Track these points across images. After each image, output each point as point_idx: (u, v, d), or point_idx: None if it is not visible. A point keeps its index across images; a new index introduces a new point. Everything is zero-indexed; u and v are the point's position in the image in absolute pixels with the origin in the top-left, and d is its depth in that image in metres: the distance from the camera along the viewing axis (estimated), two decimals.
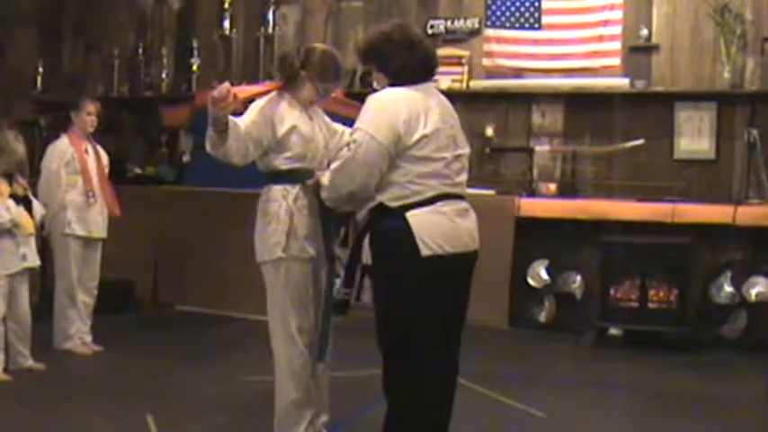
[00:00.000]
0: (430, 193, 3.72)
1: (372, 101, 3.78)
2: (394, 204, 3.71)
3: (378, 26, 4.07)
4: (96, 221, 6.80)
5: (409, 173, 3.70)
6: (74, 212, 6.70)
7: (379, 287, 3.80)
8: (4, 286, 5.95)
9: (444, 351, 3.87)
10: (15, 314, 6.04)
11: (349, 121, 4.74)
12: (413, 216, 3.67)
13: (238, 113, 4.42)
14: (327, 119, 4.69)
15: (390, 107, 3.71)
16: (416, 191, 3.70)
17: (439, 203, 3.73)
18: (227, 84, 4.11)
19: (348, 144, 3.73)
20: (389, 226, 3.71)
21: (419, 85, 3.83)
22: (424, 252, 3.65)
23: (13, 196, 5.98)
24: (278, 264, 4.37)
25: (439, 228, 3.71)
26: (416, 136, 3.69)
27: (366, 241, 3.80)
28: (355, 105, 4.81)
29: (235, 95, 4.09)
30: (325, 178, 3.94)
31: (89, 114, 6.83)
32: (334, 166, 3.81)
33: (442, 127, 3.78)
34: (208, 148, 4.30)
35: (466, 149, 3.93)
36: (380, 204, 3.74)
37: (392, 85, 3.84)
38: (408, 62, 3.83)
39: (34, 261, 6.13)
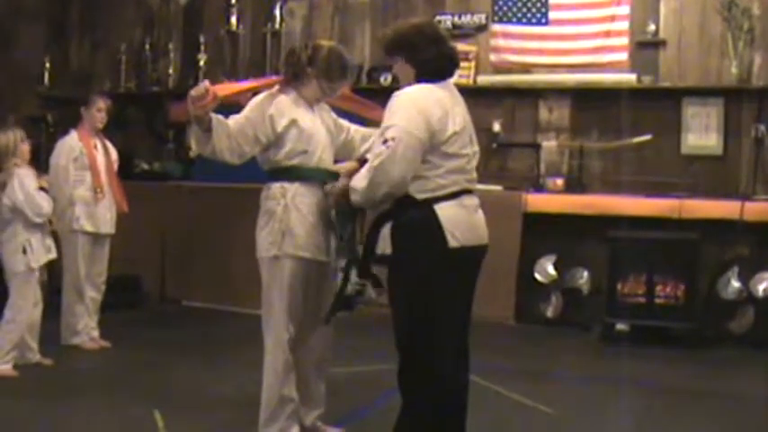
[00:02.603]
0: (454, 188, 3.77)
1: (403, 97, 3.77)
2: (421, 197, 3.72)
3: (406, 19, 4.09)
4: (104, 217, 6.81)
5: (439, 168, 3.72)
6: (82, 208, 6.71)
7: (401, 277, 3.79)
8: (36, 279, 6.04)
9: (460, 342, 3.89)
10: None
11: (356, 118, 4.75)
12: (440, 208, 3.72)
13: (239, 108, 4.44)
14: (334, 115, 4.68)
15: (424, 103, 3.72)
16: (443, 185, 3.74)
17: (461, 198, 3.79)
18: (205, 82, 4.13)
19: (386, 141, 3.66)
20: (416, 217, 3.72)
21: (442, 82, 3.86)
22: (452, 243, 3.70)
23: (41, 189, 6.04)
24: (273, 261, 4.39)
25: (463, 220, 3.77)
26: (449, 133, 3.73)
27: (386, 232, 3.80)
28: (362, 102, 4.81)
29: (214, 94, 4.10)
30: (356, 181, 3.84)
31: (99, 111, 6.84)
32: (371, 164, 3.72)
33: (464, 125, 3.83)
34: (193, 147, 4.33)
35: (478, 148, 3.96)
36: (406, 196, 3.75)
37: (418, 80, 3.85)
38: (436, 56, 3.86)
39: (55, 254, 6.23)
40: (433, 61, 3.86)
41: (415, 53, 3.87)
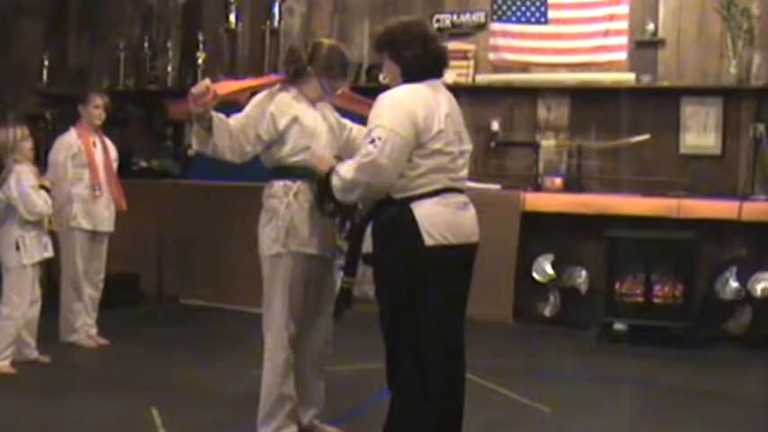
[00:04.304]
0: (435, 186, 3.78)
1: (389, 97, 3.79)
2: (399, 196, 3.74)
3: (397, 17, 4.10)
4: (102, 215, 6.80)
5: (419, 167, 3.74)
6: (80, 206, 6.71)
7: (382, 276, 3.82)
8: (30, 276, 6.00)
9: (448, 342, 3.89)
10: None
11: (356, 117, 4.75)
12: (417, 207, 3.73)
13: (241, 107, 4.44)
14: (337, 114, 4.69)
15: (409, 103, 3.74)
16: (422, 183, 3.75)
17: (442, 196, 3.79)
18: (206, 80, 4.13)
19: (372, 141, 3.69)
20: (394, 216, 3.75)
21: (428, 81, 3.85)
22: (428, 242, 3.71)
23: (41, 188, 6.04)
24: (275, 259, 4.39)
25: (442, 218, 3.77)
26: (434, 131, 3.75)
27: (368, 230, 3.83)
28: (362, 101, 4.82)
29: (215, 92, 4.10)
30: (343, 168, 3.87)
31: (96, 108, 6.84)
32: (358, 160, 3.75)
33: (450, 123, 3.83)
34: (194, 145, 4.34)
35: (469, 146, 3.98)
36: (385, 195, 3.76)
37: (404, 78, 3.86)
38: (422, 55, 3.86)
39: (51, 252, 6.22)
40: (417, 60, 3.87)
41: (399, 51, 3.89)
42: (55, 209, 6.40)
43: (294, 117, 4.38)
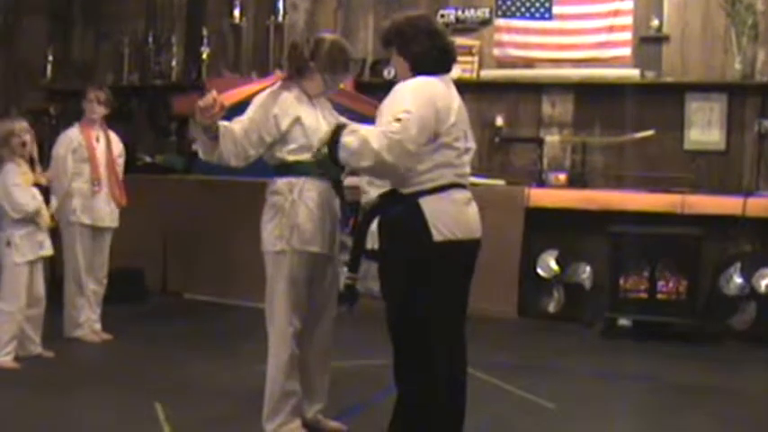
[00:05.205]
0: (442, 182, 3.77)
1: (409, 86, 3.77)
2: (406, 190, 3.73)
3: (403, 12, 4.11)
4: (103, 211, 6.78)
5: (426, 161, 3.73)
6: (79, 200, 6.70)
7: (389, 272, 3.81)
8: (25, 274, 5.98)
9: (453, 338, 3.89)
10: (30, 300, 6.05)
11: (359, 117, 4.75)
12: (426, 202, 3.72)
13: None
14: (336, 113, 4.68)
15: (429, 92, 3.73)
16: (430, 178, 3.75)
17: (449, 191, 3.79)
18: (213, 92, 4.13)
19: (399, 120, 3.61)
20: (402, 211, 3.74)
21: (439, 76, 3.85)
22: (437, 237, 3.71)
23: (36, 185, 6.01)
24: (279, 256, 4.39)
25: (450, 214, 3.77)
26: (448, 123, 3.75)
27: (373, 226, 3.82)
28: (366, 100, 4.82)
29: (222, 104, 4.10)
30: (357, 128, 3.77)
31: (91, 102, 6.82)
32: (384, 133, 3.62)
33: (459, 118, 3.83)
34: (201, 154, 4.34)
35: (474, 145, 3.98)
36: (392, 190, 3.76)
37: (413, 73, 3.86)
38: (429, 49, 3.86)
39: (49, 249, 6.19)
40: (425, 54, 3.87)
41: (407, 45, 3.89)
42: (56, 204, 6.41)
43: (296, 117, 4.38)
